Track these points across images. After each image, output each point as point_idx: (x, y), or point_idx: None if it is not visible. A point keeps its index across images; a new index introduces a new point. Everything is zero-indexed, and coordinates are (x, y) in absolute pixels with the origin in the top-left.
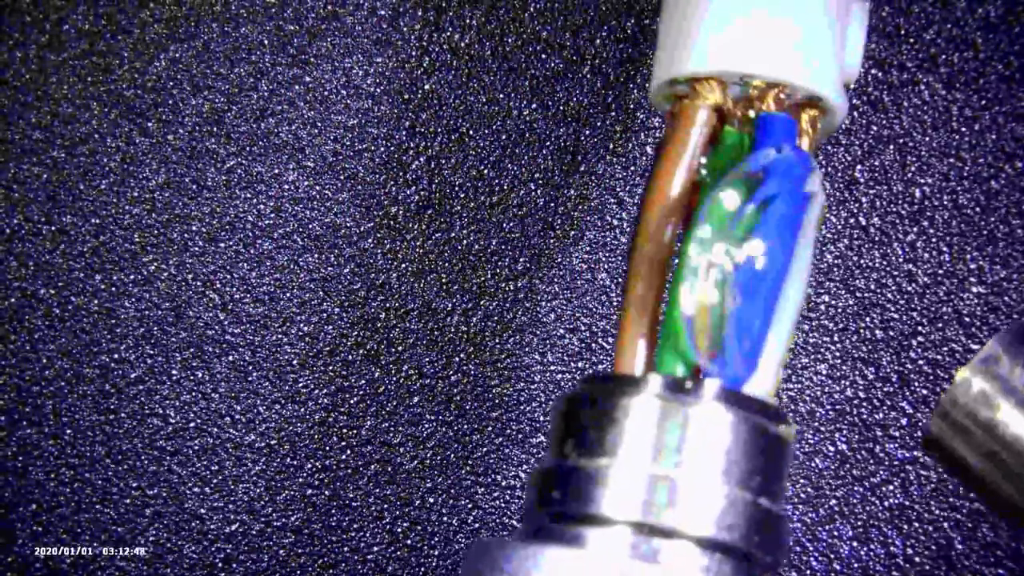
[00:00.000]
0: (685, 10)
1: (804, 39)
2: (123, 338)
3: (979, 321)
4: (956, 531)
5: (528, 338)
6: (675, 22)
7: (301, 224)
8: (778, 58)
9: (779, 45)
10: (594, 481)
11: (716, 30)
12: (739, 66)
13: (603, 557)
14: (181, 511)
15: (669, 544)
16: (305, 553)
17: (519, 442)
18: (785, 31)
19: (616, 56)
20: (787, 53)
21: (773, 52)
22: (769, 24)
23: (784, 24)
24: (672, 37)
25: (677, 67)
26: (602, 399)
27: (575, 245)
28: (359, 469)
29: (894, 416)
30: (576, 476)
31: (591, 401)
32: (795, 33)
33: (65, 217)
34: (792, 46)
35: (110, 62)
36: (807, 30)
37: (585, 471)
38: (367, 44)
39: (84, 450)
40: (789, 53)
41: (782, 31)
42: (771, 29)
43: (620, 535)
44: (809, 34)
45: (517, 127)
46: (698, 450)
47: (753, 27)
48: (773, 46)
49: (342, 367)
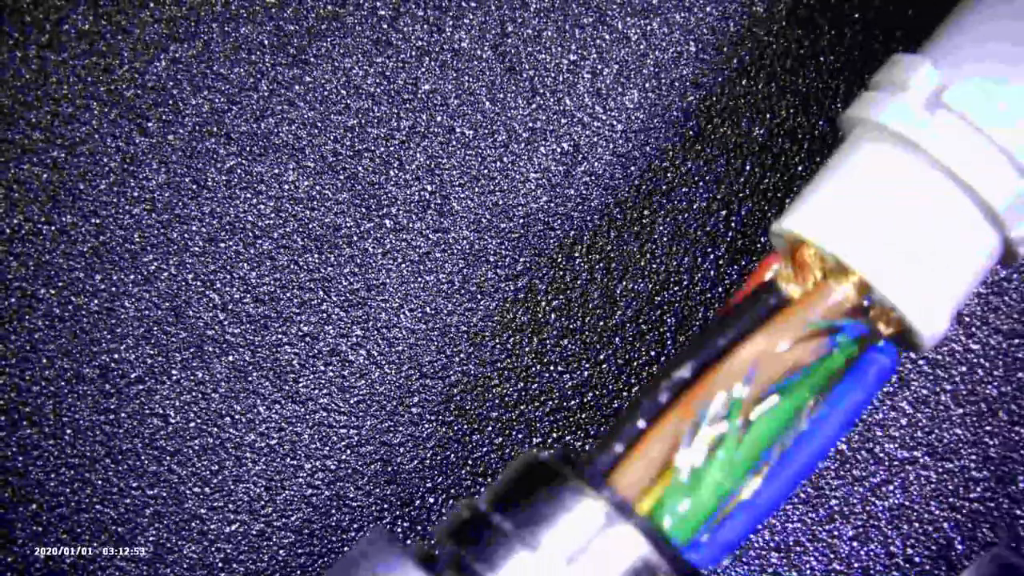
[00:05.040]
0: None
1: (947, 290)
2: (123, 338)
3: (979, 321)
4: (956, 531)
5: (528, 338)
6: (850, 200)
7: (301, 224)
8: (918, 301)
9: (928, 289)
10: (506, 551)
11: (884, 243)
12: (884, 287)
13: None
14: (181, 511)
15: None
16: (305, 553)
17: (519, 442)
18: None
19: (616, 56)
20: (930, 298)
21: (920, 293)
22: (929, 268)
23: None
24: (834, 207)
25: (835, 243)
26: (558, 487)
27: (575, 245)
28: (359, 469)
29: (894, 416)
30: (496, 538)
31: (548, 478)
32: (942, 282)
33: (65, 217)
34: (934, 292)
35: (110, 62)
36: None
37: (506, 539)
38: (367, 44)
39: (84, 450)
40: (932, 298)
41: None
42: (930, 274)
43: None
44: (951, 287)
45: (517, 127)
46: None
47: (914, 261)
48: (924, 287)
49: (342, 367)
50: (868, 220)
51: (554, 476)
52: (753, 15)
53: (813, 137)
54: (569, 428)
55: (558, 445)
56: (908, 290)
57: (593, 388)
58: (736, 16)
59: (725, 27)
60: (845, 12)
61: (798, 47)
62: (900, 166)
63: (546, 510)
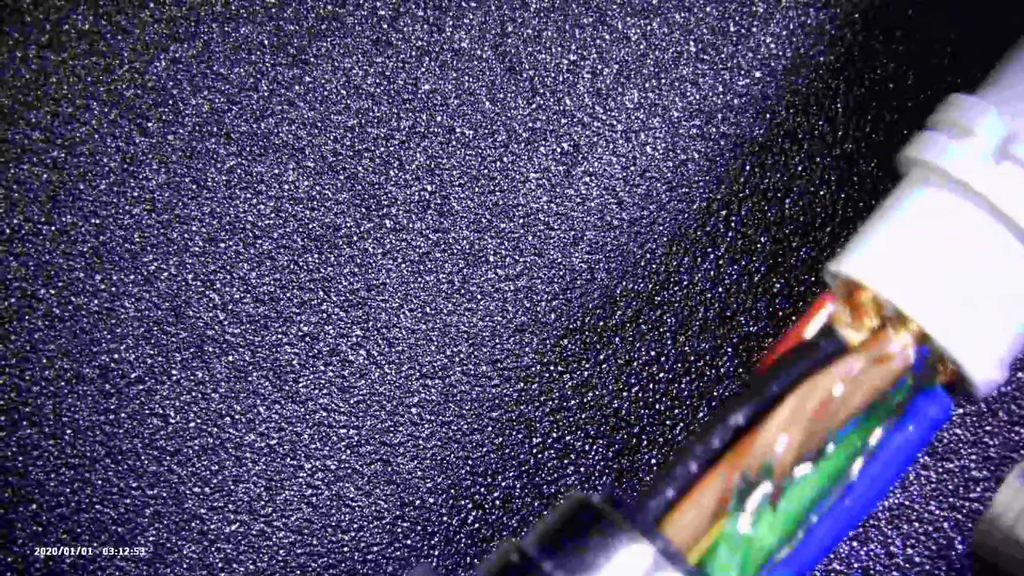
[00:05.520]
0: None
1: (1004, 341)
2: (123, 338)
3: None
4: (956, 531)
5: (528, 338)
6: (911, 245)
7: (301, 224)
8: (976, 353)
9: (986, 340)
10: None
11: (945, 294)
12: (945, 340)
13: None
14: (181, 511)
15: None
16: (305, 553)
17: (519, 442)
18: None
19: (616, 56)
20: (987, 349)
21: (978, 345)
22: (989, 320)
23: (1000, 324)
24: (895, 253)
25: (897, 293)
26: (609, 533)
27: (575, 245)
28: (359, 469)
29: None
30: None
31: (598, 522)
32: (1000, 333)
33: (65, 217)
34: (991, 344)
35: (110, 62)
36: (1013, 335)
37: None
38: (367, 44)
39: (84, 450)
40: (989, 350)
41: (995, 330)
42: (988, 326)
43: None
44: (1009, 338)
45: (517, 127)
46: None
47: (974, 313)
48: (982, 338)
49: (342, 367)
50: (930, 269)
51: (604, 520)
52: (753, 15)
53: (813, 137)
54: (569, 428)
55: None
56: (967, 343)
57: (593, 388)
58: (736, 16)
59: (725, 27)
60: (845, 12)
61: (798, 47)
62: (963, 215)
63: (597, 558)
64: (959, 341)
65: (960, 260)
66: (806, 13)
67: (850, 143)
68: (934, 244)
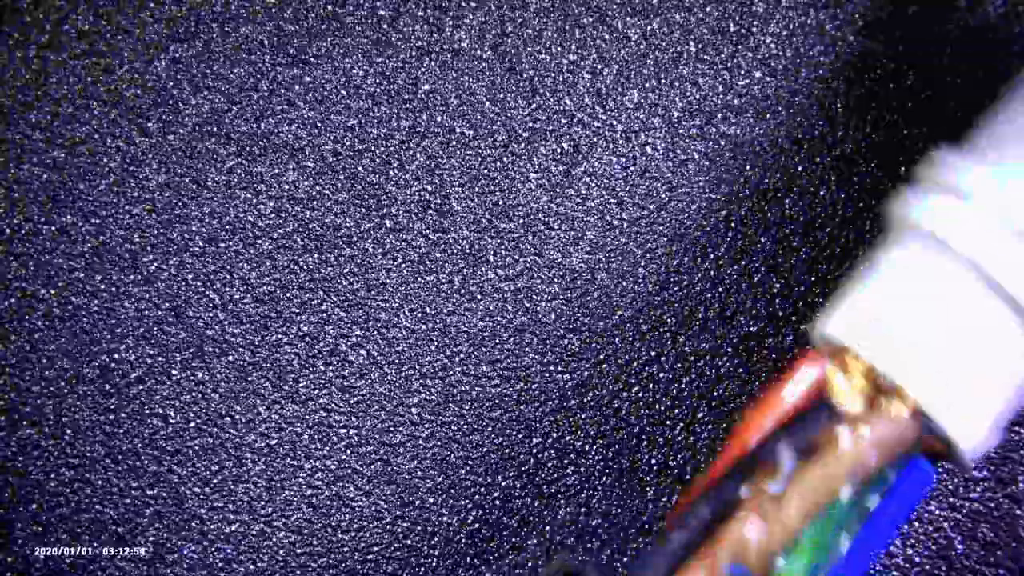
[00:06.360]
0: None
1: (994, 410)
2: (123, 338)
3: None
4: (956, 531)
5: (528, 338)
6: (904, 314)
7: (301, 224)
8: (968, 427)
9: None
10: None
11: (940, 368)
12: (940, 416)
13: None
14: (181, 511)
15: None
16: (305, 553)
17: (519, 442)
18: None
19: (616, 56)
20: (977, 420)
21: (970, 418)
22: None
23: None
24: (888, 322)
25: (885, 359)
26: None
27: (575, 245)
28: (359, 469)
29: None
30: None
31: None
32: (990, 404)
33: (65, 217)
34: (981, 414)
35: (110, 62)
36: (1003, 405)
37: None
38: (367, 44)
39: (84, 450)
40: (979, 420)
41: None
42: (980, 397)
43: None
44: (998, 408)
45: (517, 127)
46: None
47: (970, 389)
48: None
49: (342, 367)
50: (924, 340)
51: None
52: (753, 15)
53: (813, 138)
54: (569, 428)
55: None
56: (960, 417)
57: (593, 388)
58: (736, 16)
59: (725, 27)
60: (845, 12)
61: (798, 47)
62: (956, 283)
63: None
64: (953, 416)
65: (953, 332)
66: (806, 13)
67: (850, 143)
68: (926, 312)
